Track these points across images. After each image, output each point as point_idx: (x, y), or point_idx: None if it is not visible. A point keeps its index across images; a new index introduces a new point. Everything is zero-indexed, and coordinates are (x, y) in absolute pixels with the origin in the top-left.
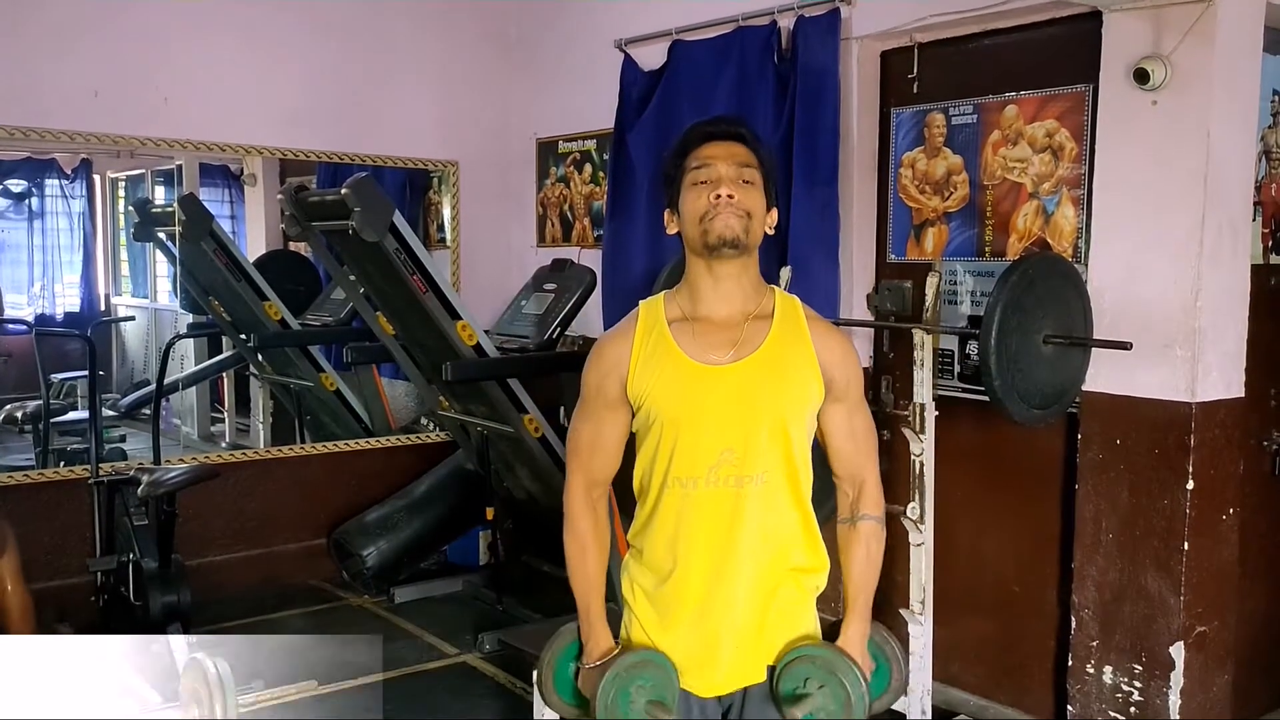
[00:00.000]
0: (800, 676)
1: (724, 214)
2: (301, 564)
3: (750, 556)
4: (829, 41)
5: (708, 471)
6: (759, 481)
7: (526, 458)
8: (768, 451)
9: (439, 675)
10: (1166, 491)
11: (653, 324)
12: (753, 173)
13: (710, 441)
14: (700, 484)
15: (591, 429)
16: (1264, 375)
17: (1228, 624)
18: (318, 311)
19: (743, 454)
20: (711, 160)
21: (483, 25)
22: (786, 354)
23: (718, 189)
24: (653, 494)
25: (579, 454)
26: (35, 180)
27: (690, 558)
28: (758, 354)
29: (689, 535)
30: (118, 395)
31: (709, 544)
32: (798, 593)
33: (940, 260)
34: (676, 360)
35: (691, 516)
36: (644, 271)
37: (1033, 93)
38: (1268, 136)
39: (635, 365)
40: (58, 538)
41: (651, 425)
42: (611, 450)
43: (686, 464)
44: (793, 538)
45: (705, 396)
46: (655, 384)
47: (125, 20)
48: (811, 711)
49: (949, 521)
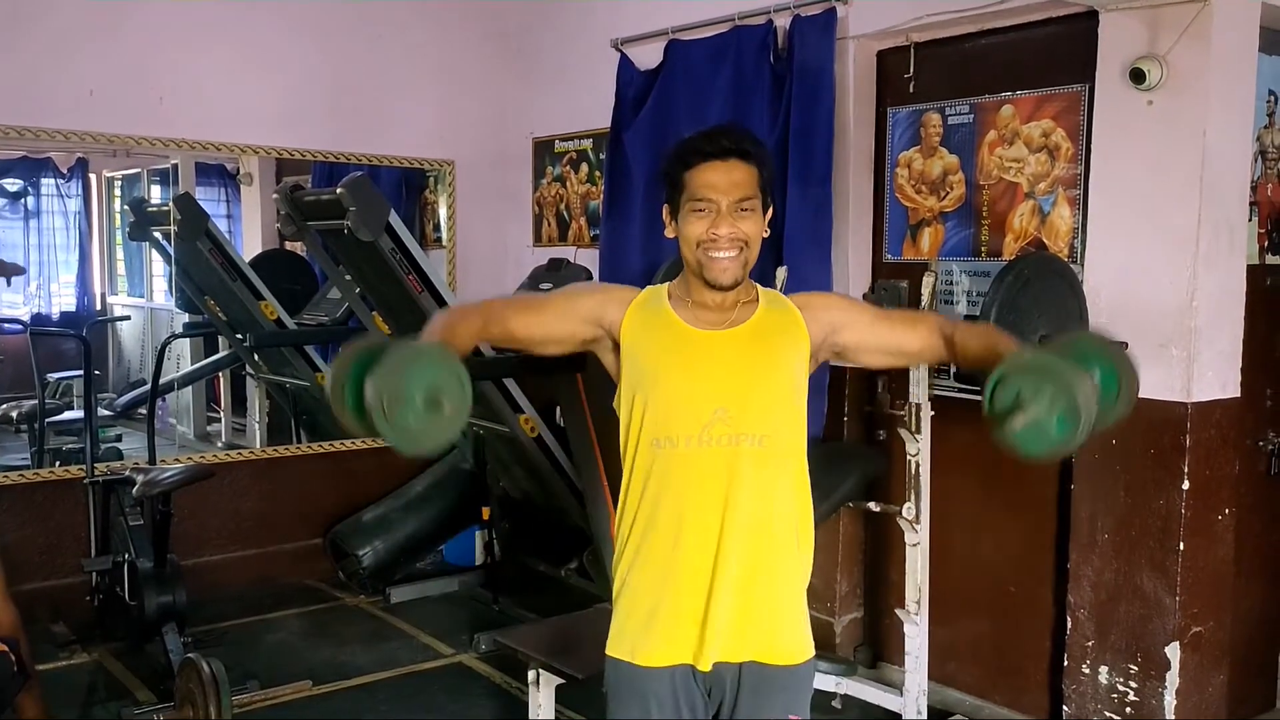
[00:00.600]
0: (1013, 391)
1: (720, 259)
2: (297, 564)
3: (744, 516)
4: (825, 41)
5: (701, 430)
6: (756, 442)
7: (522, 457)
8: (764, 414)
9: (435, 675)
10: (1162, 492)
11: (652, 295)
12: (752, 201)
13: (704, 400)
14: (693, 442)
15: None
16: (1260, 375)
17: (1223, 624)
18: (314, 311)
19: (737, 414)
20: (711, 191)
21: (479, 24)
22: (777, 324)
23: (717, 227)
24: (644, 453)
25: (508, 301)
26: (31, 179)
27: (683, 516)
28: (749, 323)
29: (682, 493)
30: (113, 395)
31: (702, 502)
32: (791, 560)
33: (936, 260)
34: (672, 324)
35: (684, 475)
36: (640, 270)
37: (1029, 92)
38: (1264, 136)
39: (629, 318)
40: (53, 537)
41: (643, 381)
42: (535, 329)
43: (680, 422)
44: (787, 504)
45: (700, 357)
46: (649, 342)
47: (121, 20)
48: (1035, 419)
49: (945, 521)
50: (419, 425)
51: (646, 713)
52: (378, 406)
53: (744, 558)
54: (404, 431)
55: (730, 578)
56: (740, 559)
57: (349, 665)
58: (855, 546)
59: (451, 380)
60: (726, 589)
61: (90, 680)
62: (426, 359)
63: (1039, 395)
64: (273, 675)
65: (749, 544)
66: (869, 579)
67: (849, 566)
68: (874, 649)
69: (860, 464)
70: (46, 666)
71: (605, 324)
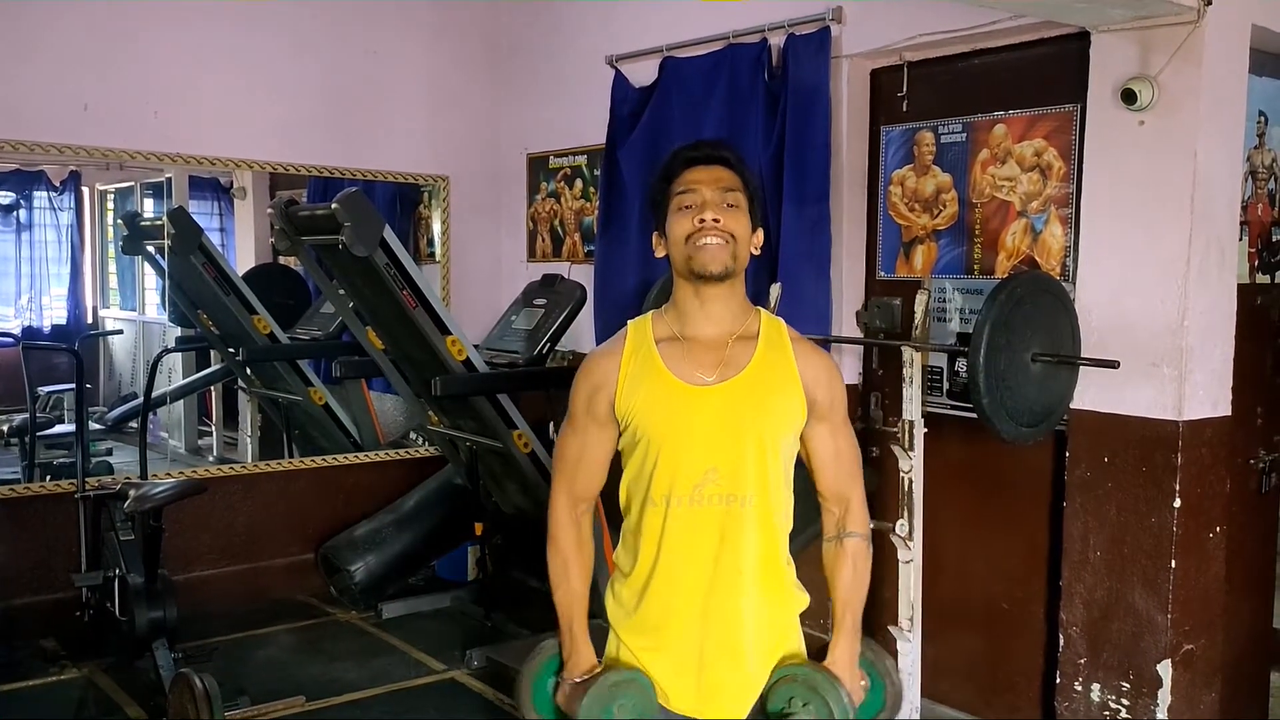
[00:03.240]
0: (785, 696)
1: (709, 244)
2: (289, 579)
3: (736, 576)
4: (819, 59)
5: (692, 490)
6: (744, 503)
7: (515, 473)
8: (753, 473)
9: (426, 691)
10: (1154, 509)
11: (640, 343)
12: (737, 196)
13: (695, 460)
14: (685, 502)
15: (578, 444)
16: (1250, 394)
17: (1215, 642)
18: (307, 325)
19: (728, 474)
20: (695, 185)
21: (474, 40)
22: (771, 375)
23: (702, 214)
24: (637, 511)
25: (565, 469)
26: (24, 192)
27: (675, 576)
28: (743, 375)
29: (674, 553)
30: (105, 409)
31: (694, 563)
32: (784, 615)
33: (929, 278)
34: (663, 379)
35: (676, 535)
36: (635, 287)
37: (1021, 112)
38: (1254, 157)
39: (623, 383)
40: (43, 552)
41: (638, 443)
42: (597, 466)
43: (671, 482)
44: (773, 561)
45: (690, 415)
46: (641, 402)
47: (116, 35)
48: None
49: (938, 538)
50: None
51: None
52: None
53: (739, 617)
54: None
55: (726, 638)
56: (735, 619)
57: (341, 681)
58: None
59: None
60: (723, 648)
61: (80, 696)
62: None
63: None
64: (264, 691)
65: (743, 603)
66: None
67: None
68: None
69: None
70: (36, 682)
71: (609, 408)
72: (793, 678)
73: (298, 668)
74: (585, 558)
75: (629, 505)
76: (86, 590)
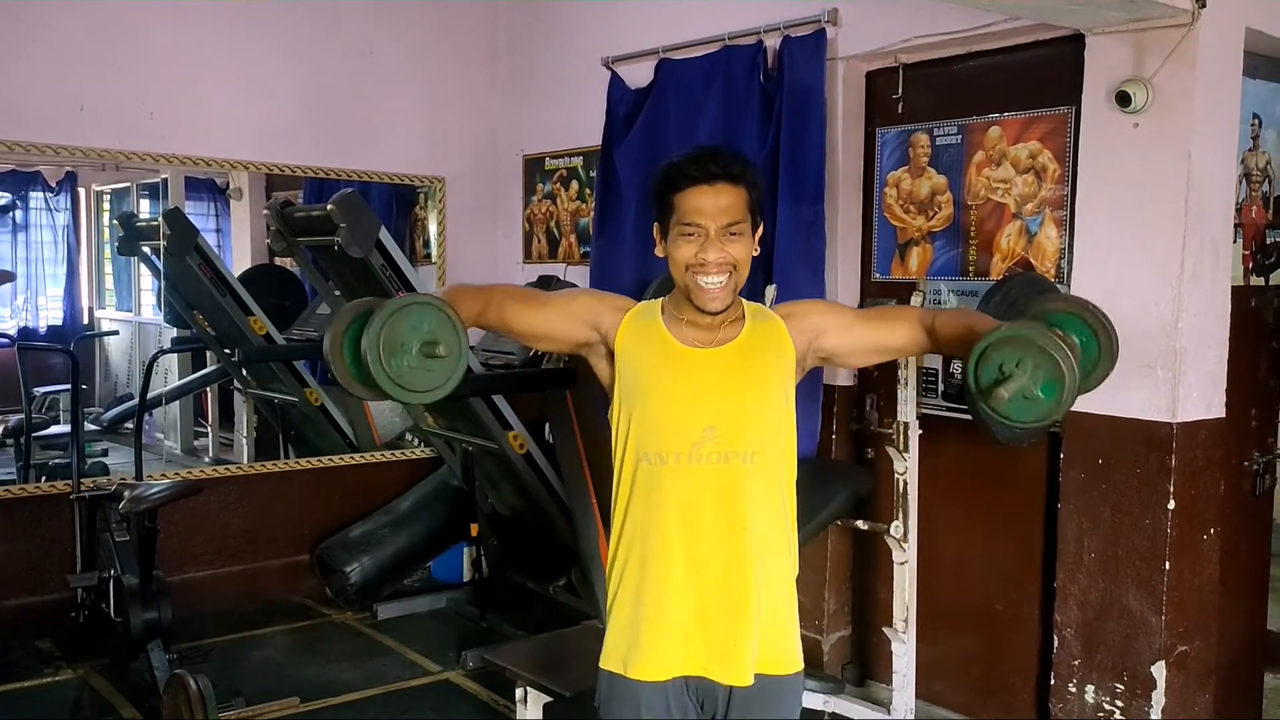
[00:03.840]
0: (996, 364)
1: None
2: (285, 580)
3: (737, 532)
4: (814, 61)
5: (690, 448)
6: (747, 460)
7: (511, 474)
8: (753, 431)
9: (422, 692)
10: (1148, 511)
11: (645, 310)
12: (741, 225)
13: (695, 417)
14: (683, 459)
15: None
16: (1244, 396)
17: (1209, 643)
18: (303, 326)
19: (726, 432)
20: (699, 216)
21: (470, 42)
22: (764, 339)
23: (705, 252)
24: (634, 468)
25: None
26: (19, 193)
27: (674, 532)
28: (738, 340)
29: (673, 509)
30: (100, 410)
31: (694, 521)
32: (783, 574)
33: (924, 279)
34: (664, 340)
35: (675, 491)
36: (631, 288)
37: (1016, 114)
38: (1248, 159)
39: (625, 327)
40: (38, 553)
41: (637, 398)
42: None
43: (670, 438)
44: (779, 519)
45: (690, 374)
46: (641, 356)
47: (112, 35)
48: (1020, 389)
49: (933, 540)
50: (416, 372)
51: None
52: (374, 355)
53: (737, 573)
54: (400, 379)
55: (723, 593)
56: (733, 574)
57: (336, 682)
58: (843, 564)
59: (445, 324)
60: (719, 604)
61: (75, 697)
62: (419, 306)
63: (1021, 365)
64: (259, 692)
65: (741, 559)
66: (857, 597)
67: (837, 585)
68: (862, 667)
69: (848, 482)
70: (31, 683)
71: (601, 329)
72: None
73: (293, 669)
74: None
75: (624, 462)
76: (81, 591)
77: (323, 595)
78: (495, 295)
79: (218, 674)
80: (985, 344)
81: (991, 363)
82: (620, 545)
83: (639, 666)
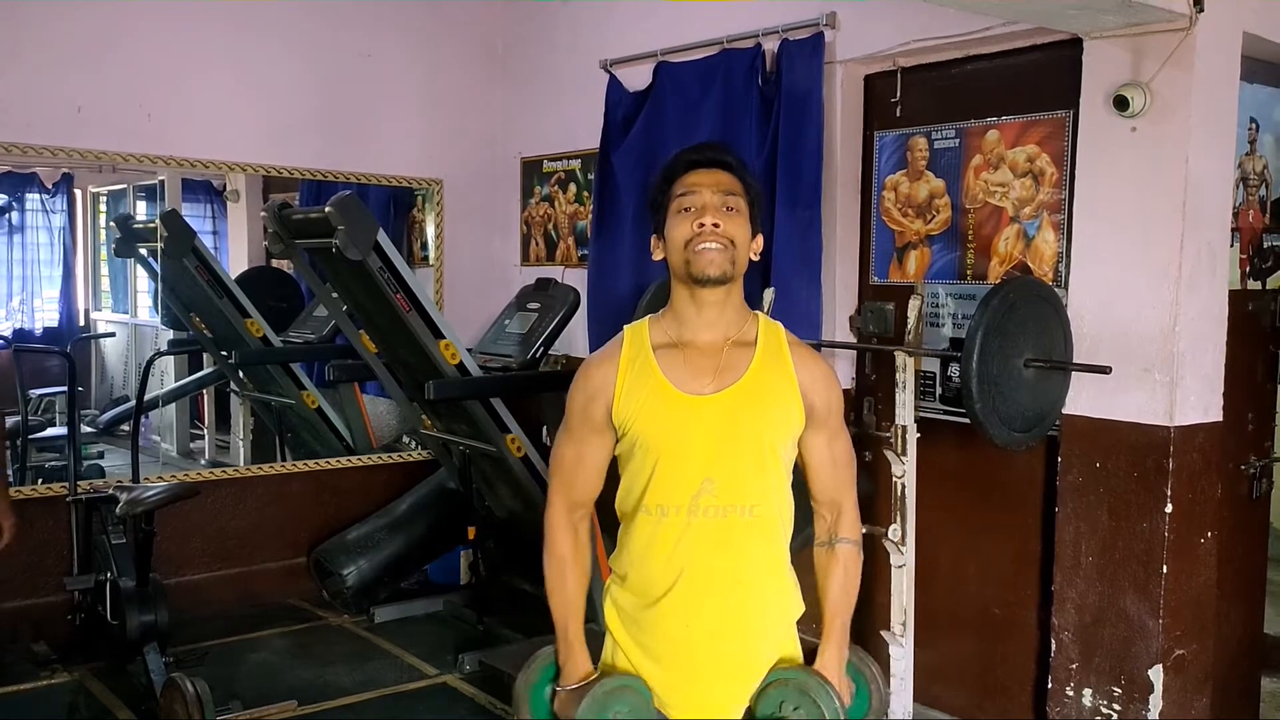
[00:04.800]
0: (776, 700)
1: (708, 248)
2: (281, 583)
3: (735, 588)
4: (813, 65)
5: (690, 500)
6: (746, 513)
7: (509, 477)
8: (752, 483)
9: (419, 695)
10: (1146, 515)
11: (638, 350)
12: (737, 200)
13: (691, 471)
14: (683, 512)
15: (575, 450)
16: (1241, 399)
17: (1206, 647)
18: (300, 329)
19: (725, 485)
20: (696, 187)
21: (468, 44)
22: (769, 382)
23: (701, 217)
24: (635, 519)
25: (561, 475)
26: (15, 194)
27: (674, 585)
28: (741, 383)
29: (672, 563)
30: (97, 412)
31: (692, 572)
32: (782, 625)
33: (922, 283)
34: (661, 388)
35: (674, 544)
36: (629, 291)
37: (1014, 118)
38: (1245, 163)
39: (620, 390)
40: (34, 555)
41: (635, 451)
42: (594, 472)
43: (668, 491)
44: (776, 570)
45: (688, 425)
46: (639, 411)
47: (110, 37)
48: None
49: (930, 543)
50: None
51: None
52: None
53: (739, 625)
54: None
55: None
56: (735, 626)
57: (333, 685)
58: None
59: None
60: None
61: (71, 700)
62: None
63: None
64: (256, 695)
65: (742, 610)
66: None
67: None
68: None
69: None
70: (27, 686)
71: (606, 415)
72: (784, 681)
73: (290, 672)
74: (582, 564)
75: (628, 512)
76: (78, 594)
77: (320, 598)
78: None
79: (214, 677)
80: (769, 679)
81: (770, 699)
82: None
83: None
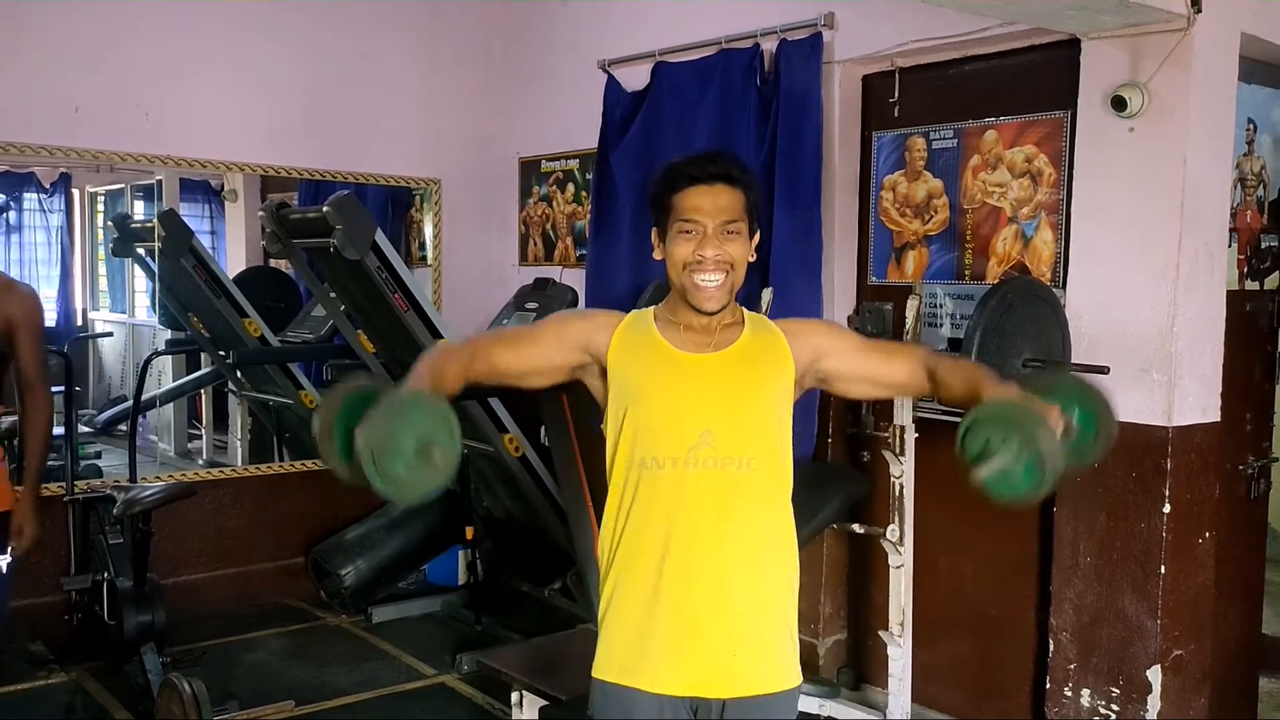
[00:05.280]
0: (984, 437)
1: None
2: (279, 583)
3: (733, 540)
4: (811, 65)
5: (687, 452)
6: (742, 466)
7: (506, 477)
8: (750, 437)
9: (417, 696)
10: (1144, 515)
11: (638, 319)
12: (738, 224)
13: (689, 423)
14: (679, 464)
15: (526, 337)
16: (1239, 400)
17: (1204, 647)
18: (298, 328)
19: (722, 437)
20: (697, 214)
21: (466, 44)
22: (762, 346)
23: (703, 249)
24: (629, 473)
25: (491, 337)
26: (13, 194)
27: (669, 539)
28: (736, 346)
29: (668, 515)
30: (94, 411)
31: (689, 525)
32: (782, 585)
33: (920, 283)
34: (658, 346)
35: (670, 496)
36: (627, 291)
37: (1012, 118)
38: (1243, 164)
39: (616, 341)
40: (31, 555)
41: (629, 402)
42: (519, 360)
43: (664, 444)
44: (776, 527)
45: (685, 379)
46: (636, 364)
47: (107, 37)
48: (1003, 468)
49: (928, 544)
50: (409, 475)
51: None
52: (367, 456)
53: (734, 583)
54: (393, 481)
55: (719, 604)
56: (730, 585)
57: (330, 686)
58: (839, 568)
59: (442, 429)
60: (715, 615)
61: (68, 700)
62: (416, 407)
63: (1006, 445)
64: (253, 695)
65: (738, 569)
66: (852, 601)
67: (832, 588)
68: (857, 671)
69: (844, 486)
70: (24, 686)
71: (593, 350)
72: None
73: (287, 672)
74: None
75: (619, 468)
76: (75, 594)
77: (317, 598)
78: (480, 346)
79: (211, 677)
80: (975, 416)
81: (979, 435)
82: (616, 552)
83: (634, 677)
